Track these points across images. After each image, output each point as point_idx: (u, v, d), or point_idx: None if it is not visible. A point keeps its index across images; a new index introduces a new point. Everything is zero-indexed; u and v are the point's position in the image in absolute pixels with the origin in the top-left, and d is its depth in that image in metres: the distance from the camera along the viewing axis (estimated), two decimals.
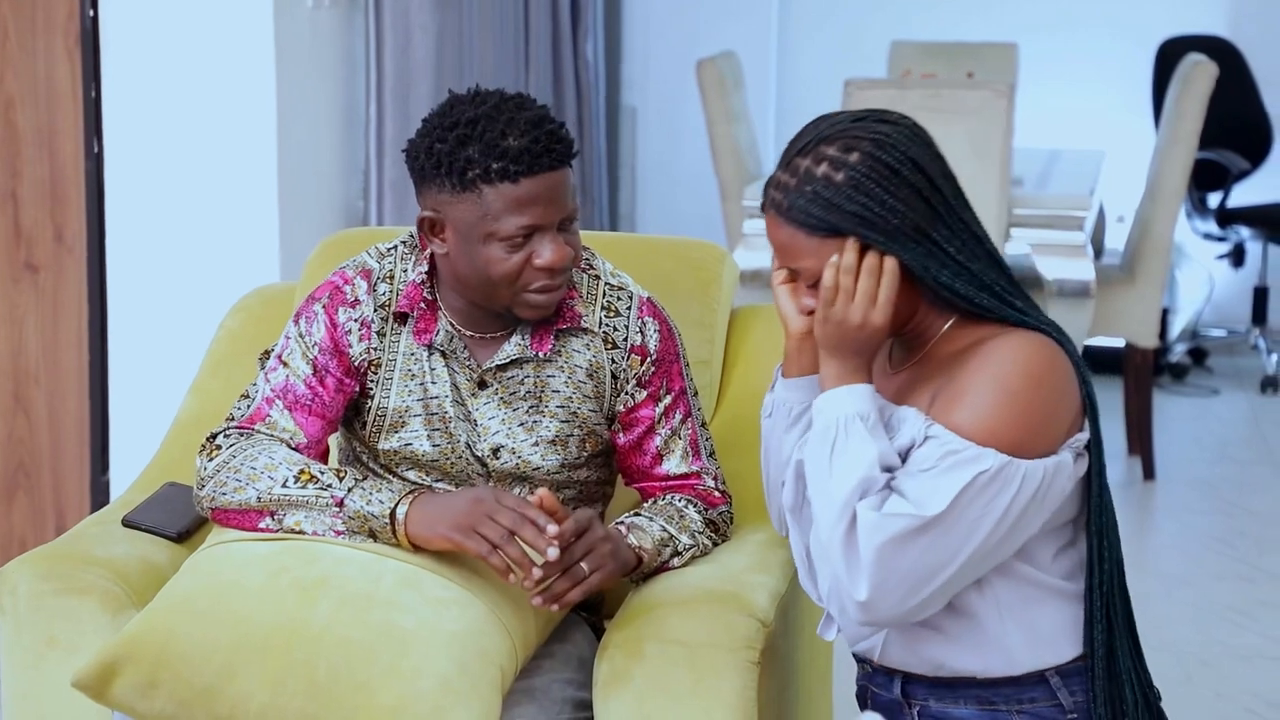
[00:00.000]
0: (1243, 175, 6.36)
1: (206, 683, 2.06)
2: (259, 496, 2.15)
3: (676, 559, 2.24)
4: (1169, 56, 6.15)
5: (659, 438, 2.30)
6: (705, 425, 2.36)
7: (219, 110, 3.80)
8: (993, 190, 4.53)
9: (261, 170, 3.83)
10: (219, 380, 2.68)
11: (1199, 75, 5.00)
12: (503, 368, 2.25)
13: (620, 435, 2.31)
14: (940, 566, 1.94)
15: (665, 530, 2.23)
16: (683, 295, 2.57)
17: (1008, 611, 2.03)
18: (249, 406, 2.25)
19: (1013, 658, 2.04)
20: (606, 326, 2.28)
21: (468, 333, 2.26)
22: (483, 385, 2.26)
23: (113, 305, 3.83)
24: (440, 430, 2.26)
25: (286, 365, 2.25)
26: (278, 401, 2.23)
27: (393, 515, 2.11)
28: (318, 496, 2.13)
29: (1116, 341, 5.28)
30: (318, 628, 2.05)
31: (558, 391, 2.27)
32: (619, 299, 2.30)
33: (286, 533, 2.15)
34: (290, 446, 2.21)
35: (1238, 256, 6.49)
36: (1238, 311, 6.63)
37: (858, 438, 1.96)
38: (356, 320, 2.25)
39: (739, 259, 4.61)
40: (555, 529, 2.06)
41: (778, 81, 6.91)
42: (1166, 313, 6.15)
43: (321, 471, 2.16)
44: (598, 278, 2.31)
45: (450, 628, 2.06)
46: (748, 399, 2.57)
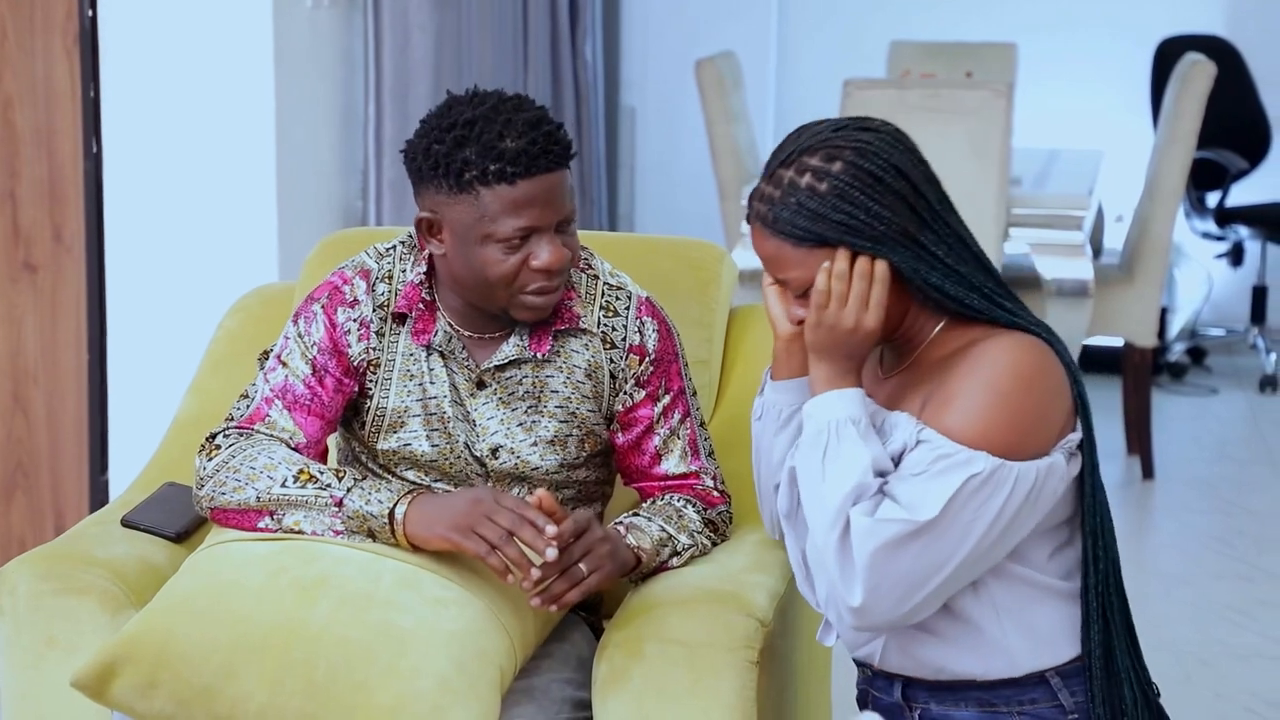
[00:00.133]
0: (1241, 174, 6.36)
1: (205, 682, 2.06)
2: (258, 496, 2.15)
3: (675, 559, 2.24)
4: (1167, 56, 6.15)
5: (657, 437, 2.30)
6: (704, 425, 2.36)
7: (218, 110, 3.80)
8: (992, 190, 4.53)
9: (260, 170, 3.83)
10: (218, 380, 2.68)
11: (1197, 75, 5.00)
12: (501, 368, 2.25)
13: (619, 435, 2.31)
14: (934, 571, 1.94)
15: (664, 530, 2.23)
16: (682, 295, 2.57)
17: (1005, 613, 2.03)
18: (248, 406, 2.25)
19: (1013, 659, 2.04)
20: (605, 326, 2.28)
21: (466, 333, 2.26)
22: (481, 385, 2.26)
23: (111, 305, 3.83)
24: (439, 430, 2.26)
25: (285, 365, 2.25)
26: (277, 401, 2.23)
27: (391, 515, 2.11)
28: (317, 496, 2.13)
29: (1115, 341, 5.28)
30: (316, 627, 2.05)
31: (556, 392, 2.26)
32: (617, 299, 2.30)
33: (285, 532, 2.14)
34: (289, 446, 2.21)
35: (1236, 256, 6.49)
36: (1236, 311, 6.63)
37: (850, 442, 1.96)
38: (355, 320, 2.25)
39: (738, 259, 4.60)
40: (554, 530, 2.05)
41: (777, 81, 6.91)
42: (1165, 312, 6.15)
43: (321, 471, 2.16)
44: (596, 277, 2.31)
45: (449, 627, 2.06)
46: (746, 398, 2.57)
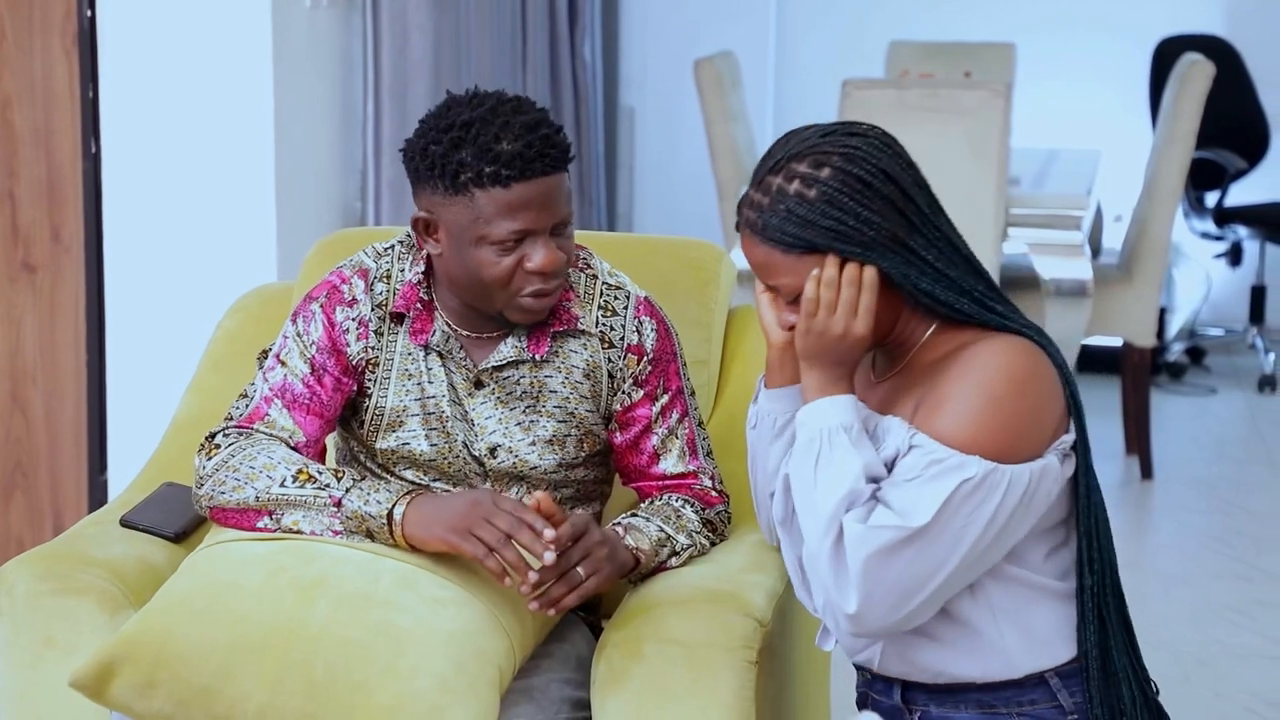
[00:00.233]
0: (1240, 174, 6.36)
1: (204, 682, 2.05)
2: (257, 496, 2.15)
3: (674, 559, 2.24)
4: (1166, 56, 6.15)
5: (656, 437, 2.30)
6: (702, 425, 2.36)
7: (216, 110, 3.80)
8: (990, 190, 4.53)
9: (259, 170, 3.83)
10: (217, 380, 2.67)
11: (1196, 75, 5.00)
12: (499, 368, 2.25)
13: (617, 434, 2.31)
14: (928, 576, 1.94)
15: (662, 531, 2.23)
16: (680, 295, 2.57)
17: (1003, 615, 2.03)
18: (247, 406, 2.25)
19: (1011, 661, 2.04)
20: (603, 326, 2.28)
21: (464, 332, 2.26)
22: (479, 385, 2.26)
23: (110, 305, 3.82)
24: (438, 430, 2.26)
25: (284, 364, 2.25)
26: (276, 400, 2.23)
27: (390, 516, 2.11)
28: (315, 496, 2.13)
29: (1114, 341, 5.28)
30: (315, 627, 2.05)
31: (555, 392, 2.26)
32: (616, 298, 2.30)
33: (284, 532, 2.14)
34: (289, 445, 2.21)
35: (1235, 256, 6.49)
36: (1235, 310, 6.63)
37: (841, 450, 1.96)
38: (354, 319, 2.25)
39: (736, 259, 4.58)
40: (552, 533, 2.05)
41: (776, 81, 6.91)
42: (1164, 312, 6.16)
43: (320, 471, 2.15)
44: (595, 277, 2.30)
45: (447, 627, 2.06)
46: (745, 398, 2.56)
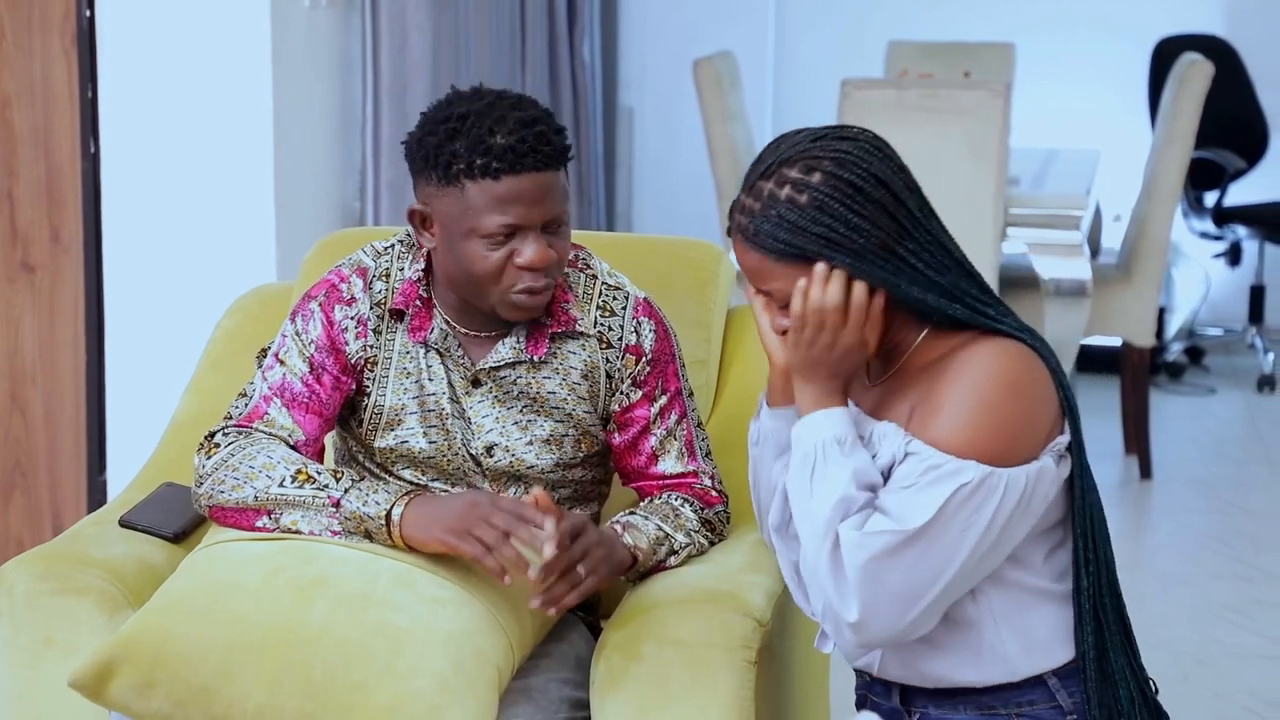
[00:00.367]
0: (1239, 174, 6.37)
1: (203, 682, 2.06)
2: (256, 495, 2.15)
3: (673, 558, 2.24)
4: (1165, 56, 6.15)
5: (654, 438, 2.30)
6: (701, 425, 2.36)
7: (216, 110, 3.80)
8: (989, 190, 4.53)
9: (258, 170, 3.83)
10: (216, 380, 2.67)
11: (1195, 74, 5.00)
12: (496, 368, 2.25)
13: (615, 435, 2.31)
14: (930, 581, 1.93)
15: (661, 529, 2.23)
16: (679, 295, 2.57)
17: (1003, 620, 2.02)
18: (246, 405, 2.25)
19: (1011, 666, 2.04)
20: (601, 326, 2.28)
21: (463, 330, 2.26)
22: (476, 384, 2.26)
23: (109, 305, 3.82)
24: (436, 428, 2.26)
25: (283, 363, 2.25)
26: (275, 399, 2.23)
27: (388, 517, 2.11)
28: (314, 497, 2.13)
29: (1113, 341, 5.29)
30: (314, 627, 2.05)
31: (553, 393, 2.26)
32: (614, 299, 2.30)
33: (283, 532, 2.14)
34: (288, 444, 2.21)
35: (1234, 255, 6.49)
36: (1234, 310, 6.63)
37: (834, 461, 1.96)
38: (352, 318, 2.25)
39: (735, 259, 4.60)
40: (552, 524, 2.05)
41: (775, 81, 6.91)
42: (1163, 312, 6.16)
43: (319, 472, 2.15)
44: (595, 277, 2.30)
45: (446, 627, 2.06)
46: (744, 398, 2.57)
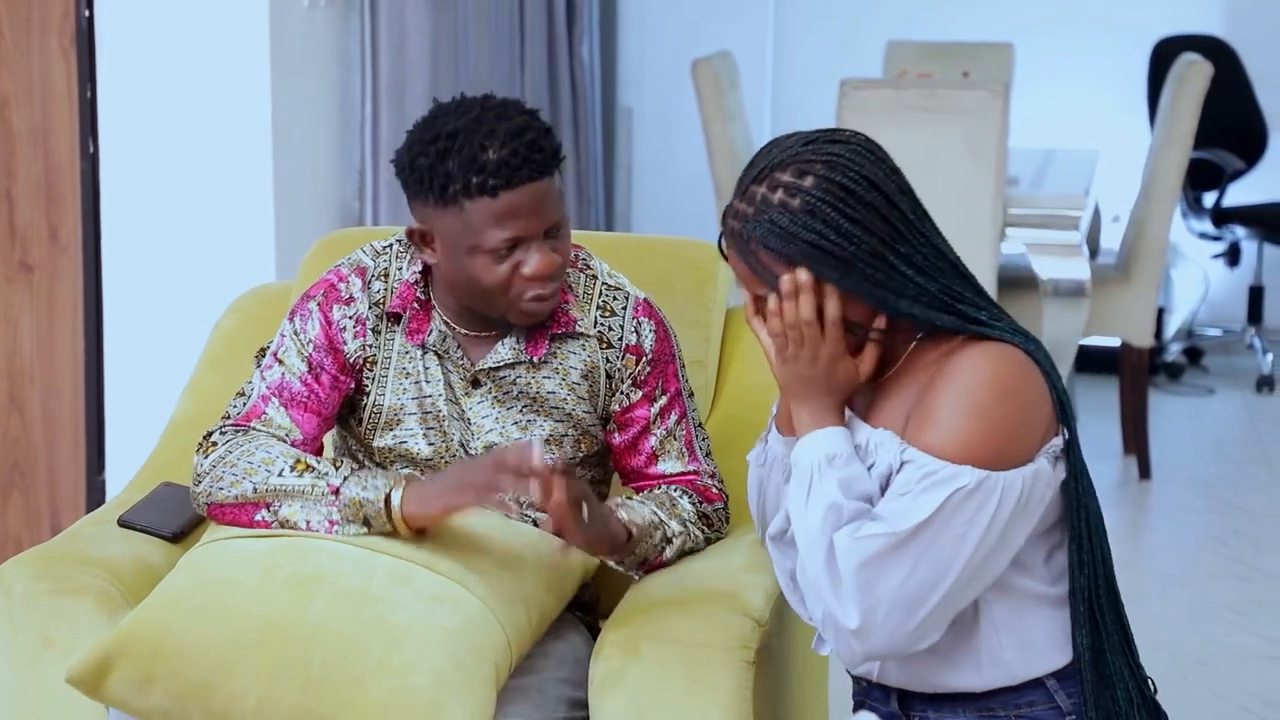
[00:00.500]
0: (1238, 175, 6.36)
1: (201, 678, 2.06)
2: (255, 488, 2.15)
3: (668, 547, 2.24)
4: (1164, 56, 6.15)
5: (654, 438, 2.30)
6: (701, 426, 2.36)
7: (214, 110, 3.80)
8: (988, 190, 4.53)
9: (257, 170, 3.83)
10: (215, 380, 2.68)
11: (1194, 75, 5.00)
12: (495, 369, 2.25)
13: (615, 435, 2.31)
14: (930, 587, 1.92)
15: (656, 515, 2.23)
16: (679, 295, 2.57)
17: (1003, 627, 2.02)
18: (245, 404, 2.25)
19: (1010, 670, 2.03)
20: (601, 326, 2.28)
21: (462, 331, 2.26)
22: (476, 384, 2.26)
23: (108, 305, 3.82)
24: (435, 429, 2.26)
25: (282, 363, 2.25)
26: (273, 399, 2.23)
27: (388, 500, 2.11)
28: (313, 485, 2.13)
29: (1112, 341, 5.28)
30: (312, 623, 2.05)
31: (552, 393, 2.26)
32: (614, 299, 2.30)
33: (281, 525, 2.15)
34: (286, 444, 2.21)
35: (1233, 256, 6.49)
36: (1233, 311, 6.63)
37: (825, 475, 1.96)
38: (351, 318, 2.25)
39: None
40: (539, 445, 2.05)
41: (773, 81, 6.91)
42: (1162, 312, 6.16)
43: (317, 462, 2.16)
44: (595, 278, 2.31)
45: (444, 623, 2.06)
46: (743, 398, 2.57)
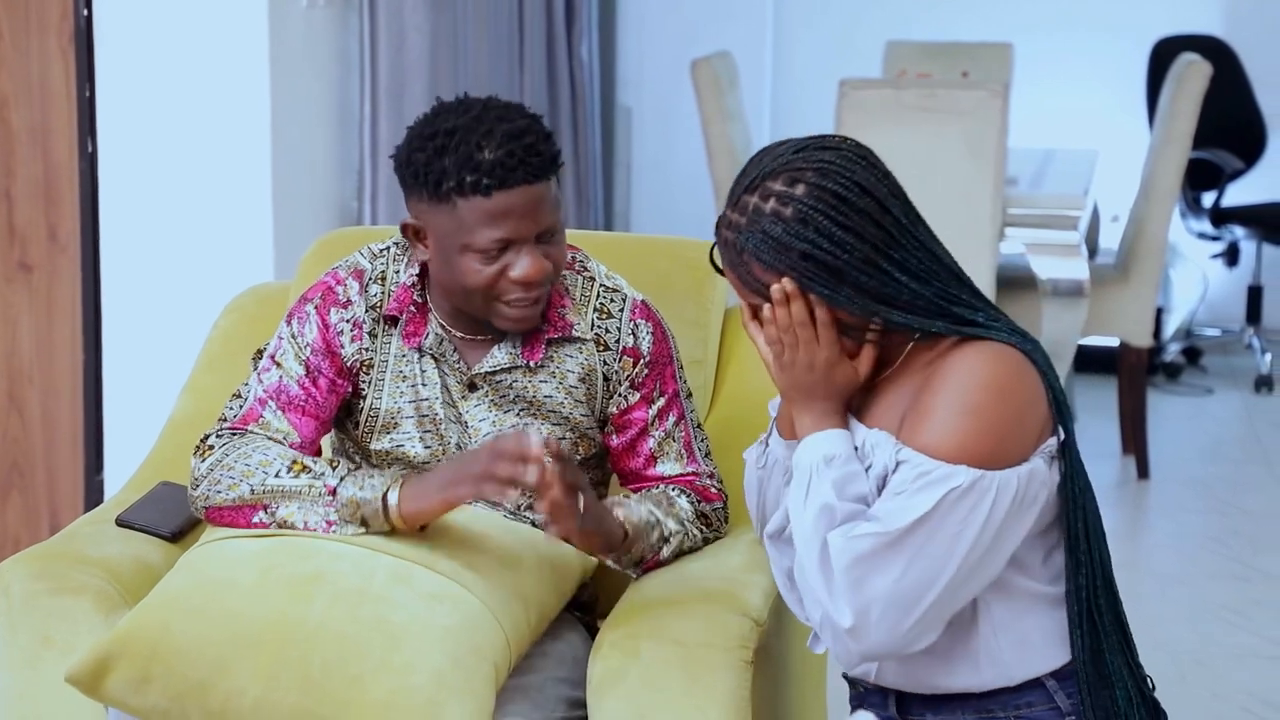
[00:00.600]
0: (1237, 175, 6.37)
1: (200, 677, 2.06)
2: (252, 489, 2.15)
3: (665, 546, 2.24)
4: (1163, 56, 6.15)
5: (652, 440, 2.30)
6: (700, 426, 2.36)
7: (213, 110, 3.79)
8: (987, 190, 4.53)
9: (256, 169, 3.83)
10: (213, 379, 2.68)
11: (1193, 75, 5.00)
12: (492, 373, 2.25)
13: (613, 437, 2.31)
14: (925, 587, 1.92)
15: (652, 514, 2.23)
16: (678, 295, 2.57)
17: (1001, 627, 2.01)
18: (241, 407, 2.25)
19: (1008, 671, 2.03)
20: (598, 329, 2.28)
21: (458, 334, 2.26)
22: (472, 388, 2.26)
23: (107, 304, 3.82)
24: (431, 432, 2.26)
25: (279, 366, 2.25)
26: (270, 402, 2.23)
27: (384, 499, 2.11)
28: (310, 486, 2.13)
29: (1111, 341, 5.29)
30: (311, 623, 2.05)
31: (549, 396, 2.26)
32: (612, 301, 2.30)
33: (279, 526, 2.15)
34: (284, 446, 2.21)
35: (1232, 256, 6.50)
36: (1232, 311, 6.64)
37: (821, 476, 1.96)
38: (348, 321, 2.25)
39: None
40: (538, 435, 2.05)
41: (773, 81, 6.91)
42: (1161, 312, 6.16)
43: (314, 462, 2.16)
44: (592, 280, 2.30)
45: (443, 623, 2.06)
46: (742, 398, 2.57)
